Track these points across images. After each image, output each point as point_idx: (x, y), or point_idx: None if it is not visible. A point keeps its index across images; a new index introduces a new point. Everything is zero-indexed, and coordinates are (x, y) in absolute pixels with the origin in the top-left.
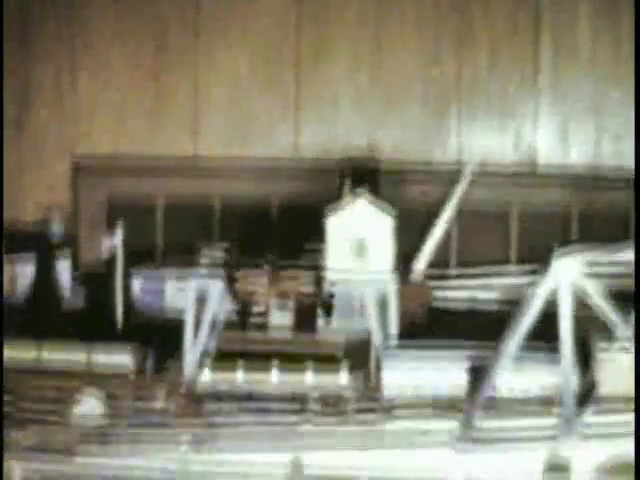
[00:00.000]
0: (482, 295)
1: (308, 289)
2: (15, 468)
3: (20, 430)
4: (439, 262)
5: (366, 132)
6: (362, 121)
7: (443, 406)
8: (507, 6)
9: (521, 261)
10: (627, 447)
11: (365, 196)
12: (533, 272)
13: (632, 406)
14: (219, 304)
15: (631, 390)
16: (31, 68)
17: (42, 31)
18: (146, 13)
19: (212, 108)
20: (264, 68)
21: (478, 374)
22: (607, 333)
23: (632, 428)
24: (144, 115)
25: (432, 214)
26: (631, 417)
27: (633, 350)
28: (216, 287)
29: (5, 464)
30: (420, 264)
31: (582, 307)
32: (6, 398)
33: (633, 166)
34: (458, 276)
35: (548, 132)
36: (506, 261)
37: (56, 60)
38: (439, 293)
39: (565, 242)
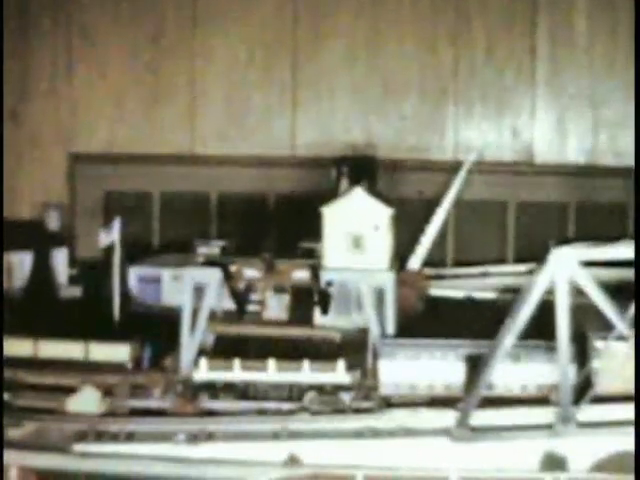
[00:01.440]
0: (479, 294)
1: (304, 281)
2: (12, 464)
3: (17, 426)
4: (436, 255)
5: (363, 124)
6: (359, 113)
7: (440, 400)
8: None
9: (518, 255)
10: (624, 443)
11: (362, 189)
12: (529, 272)
13: (629, 401)
14: (216, 298)
15: (627, 386)
16: (28, 61)
17: (39, 24)
18: (143, 3)
19: (209, 99)
20: (261, 58)
21: (475, 369)
22: (604, 327)
23: (629, 423)
24: (141, 108)
25: (429, 208)
26: (628, 412)
27: (630, 343)
28: (213, 280)
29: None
30: (417, 257)
31: (579, 302)
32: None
33: (631, 159)
34: (455, 276)
35: (545, 125)
36: (503, 256)
37: (53, 53)
38: (435, 291)
39: (562, 238)
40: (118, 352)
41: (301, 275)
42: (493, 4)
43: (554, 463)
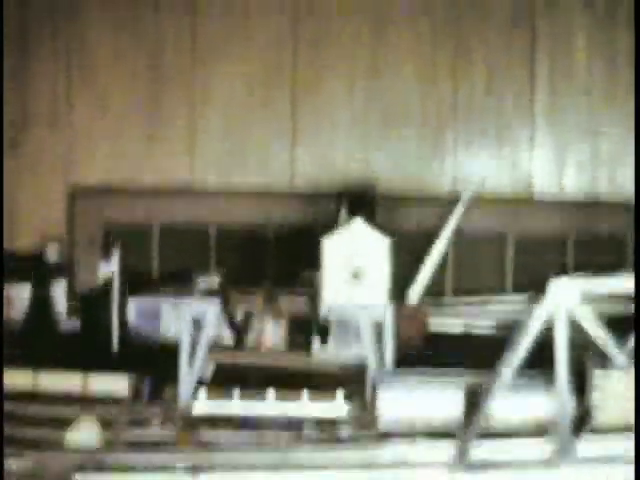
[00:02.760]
0: (477, 323)
1: (303, 313)
2: None
3: (17, 456)
4: (435, 287)
5: (362, 157)
6: (358, 146)
7: (439, 432)
8: (503, 31)
9: (517, 288)
10: (622, 473)
11: (361, 221)
12: (528, 300)
13: (627, 432)
14: (214, 329)
15: (626, 416)
16: (28, 94)
17: (39, 56)
18: (143, 39)
19: (208, 133)
20: (260, 93)
21: (474, 400)
22: (602, 359)
23: (628, 454)
24: (140, 141)
25: (428, 240)
26: (626, 443)
27: (629, 375)
28: (212, 312)
29: None
30: (416, 290)
31: (578, 333)
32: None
33: (630, 191)
34: (454, 304)
35: (544, 157)
36: (502, 288)
37: (52, 87)
38: (435, 320)
39: (561, 270)
40: (117, 384)
41: (300, 306)
42: (493, 36)
43: None
